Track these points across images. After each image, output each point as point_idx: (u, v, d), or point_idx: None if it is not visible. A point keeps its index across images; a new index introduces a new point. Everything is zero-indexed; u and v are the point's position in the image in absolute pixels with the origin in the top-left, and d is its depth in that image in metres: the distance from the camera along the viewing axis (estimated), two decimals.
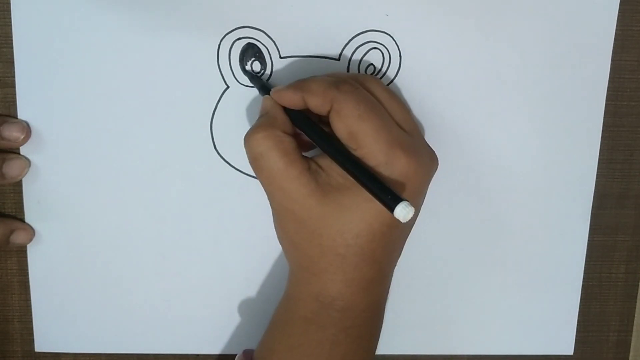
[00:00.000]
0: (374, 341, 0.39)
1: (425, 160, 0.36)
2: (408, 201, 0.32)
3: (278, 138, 0.35)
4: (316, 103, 0.35)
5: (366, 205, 0.34)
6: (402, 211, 0.32)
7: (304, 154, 0.37)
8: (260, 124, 0.36)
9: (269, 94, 0.37)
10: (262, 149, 0.35)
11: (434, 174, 0.38)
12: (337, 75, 0.37)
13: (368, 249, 0.35)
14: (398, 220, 0.32)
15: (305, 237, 0.36)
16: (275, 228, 0.38)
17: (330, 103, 0.35)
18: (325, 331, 0.36)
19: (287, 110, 0.37)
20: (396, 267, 0.39)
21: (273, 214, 0.38)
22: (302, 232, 0.36)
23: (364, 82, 0.37)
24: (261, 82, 0.40)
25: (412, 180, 0.35)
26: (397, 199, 0.32)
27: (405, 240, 0.39)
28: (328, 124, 0.36)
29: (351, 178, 0.34)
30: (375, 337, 0.39)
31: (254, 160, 0.36)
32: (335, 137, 0.36)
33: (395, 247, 0.38)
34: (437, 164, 0.38)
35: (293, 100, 0.36)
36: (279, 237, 0.38)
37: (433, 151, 0.38)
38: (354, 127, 0.34)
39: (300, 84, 0.36)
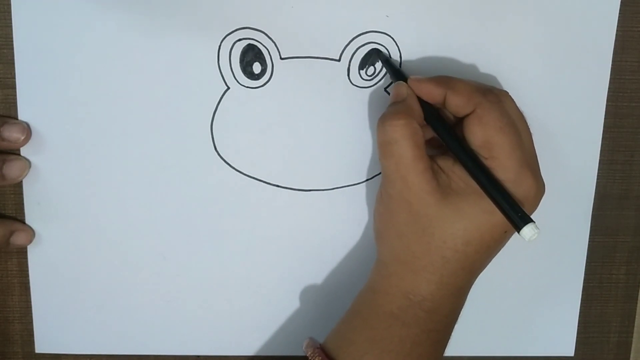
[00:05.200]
0: (445, 347, 0.39)
1: (542, 188, 0.37)
2: (535, 223, 0.33)
3: (414, 129, 0.35)
4: (458, 102, 0.36)
5: (484, 217, 0.35)
6: (529, 232, 0.33)
7: None
8: (399, 111, 0.36)
9: (401, 81, 0.37)
10: (397, 136, 0.35)
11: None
12: (476, 82, 0.37)
13: (472, 258, 0.36)
14: (507, 238, 0.35)
15: (415, 231, 0.36)
16: (380, 215, 0.38)
17: (473, 107, 0.35)
18: (409, 330, 0.36)
19: (420, 103, 0.37)
20: None
21: (384, 201, 0.37)
22: (413, 226, 0.36)
23: (498, 95, 0.37)
24: (394, 68, 0.39)
25: (530, 203, 0.36)
26: (527, 219, 0.33)
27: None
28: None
29: (473, 185, 0.35)
30: (447, 343, 0.39)
31: (386, 144, 0.36)
32: (465, 141, 0.36)
33: (489, 261, 0.38)
34: (544, 193, 0.37)
35: (433, 93, 0.36)
36: (381, 225, 0.38)
37: (543, 179, 0.37)
38: (493, 137, 0.35)
39: (444, 80, 0.36)
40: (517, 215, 0.33)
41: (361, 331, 0.37)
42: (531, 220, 0.33)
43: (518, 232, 0.33)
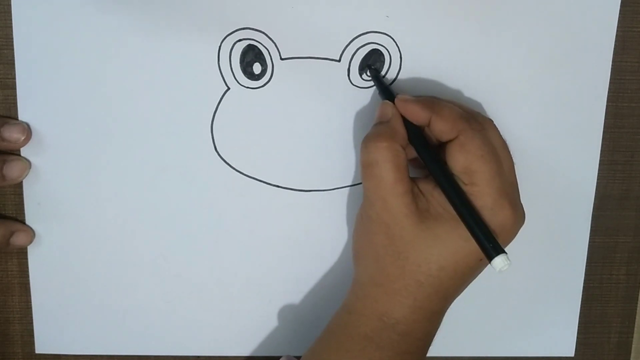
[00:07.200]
0: None
1: (521, 217, 0.37)
2: (507, 254, 0.33)
3: (396, 152, 0.36)
4: (443, 128, 0.36)
5: (460, 243, 0.35)
6: (500, 263, 0.33)
7: None
8: (383, 133, 0.36)
9: (389, 99, 0.38)
10: (379, 158, 0.35)
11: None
12: (462, 107, 0.38)
13: (446, 284, 0.36)
14: (482, 266, 0.35)
15: (390, 253, 0.36)
16: (358, 236, 0.38)
17: (456, 133, 0.35)
18: (383, 352, 0.36)
19: (405, 123, 0.37)
20: None
21: (363, 222, 0.38)
22: (389, 248, 0.36)
23: (482, 123, 0.37)
24: (383, 85, 0.40)
25: (506, 232, 0.36)
26: (499, 250, 0.33)
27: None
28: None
29: (451, 211, 0.35)
30: None
31: (367, 165, 0.36)
32: (446, 165, 0.36)
33: (465, 287, 0.38)
34: (524, 222, 0.37)
35: (419, 116, 0.36)
36: (359, 246, 0.39)
37: (523, 208, 0.38)
38: (473, 164, 0.35)
39: (430, 104, 0.36)
40: (489, 246, 0.34)
41: (336, 352, 0.37)
42: (503, 251, 0.33)
43: (489, 261, 0.34)
